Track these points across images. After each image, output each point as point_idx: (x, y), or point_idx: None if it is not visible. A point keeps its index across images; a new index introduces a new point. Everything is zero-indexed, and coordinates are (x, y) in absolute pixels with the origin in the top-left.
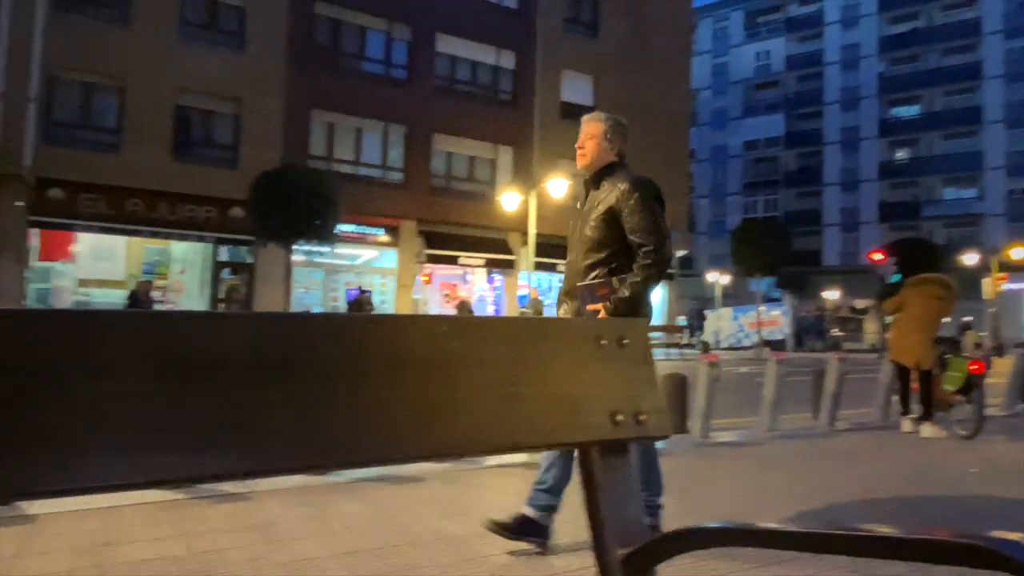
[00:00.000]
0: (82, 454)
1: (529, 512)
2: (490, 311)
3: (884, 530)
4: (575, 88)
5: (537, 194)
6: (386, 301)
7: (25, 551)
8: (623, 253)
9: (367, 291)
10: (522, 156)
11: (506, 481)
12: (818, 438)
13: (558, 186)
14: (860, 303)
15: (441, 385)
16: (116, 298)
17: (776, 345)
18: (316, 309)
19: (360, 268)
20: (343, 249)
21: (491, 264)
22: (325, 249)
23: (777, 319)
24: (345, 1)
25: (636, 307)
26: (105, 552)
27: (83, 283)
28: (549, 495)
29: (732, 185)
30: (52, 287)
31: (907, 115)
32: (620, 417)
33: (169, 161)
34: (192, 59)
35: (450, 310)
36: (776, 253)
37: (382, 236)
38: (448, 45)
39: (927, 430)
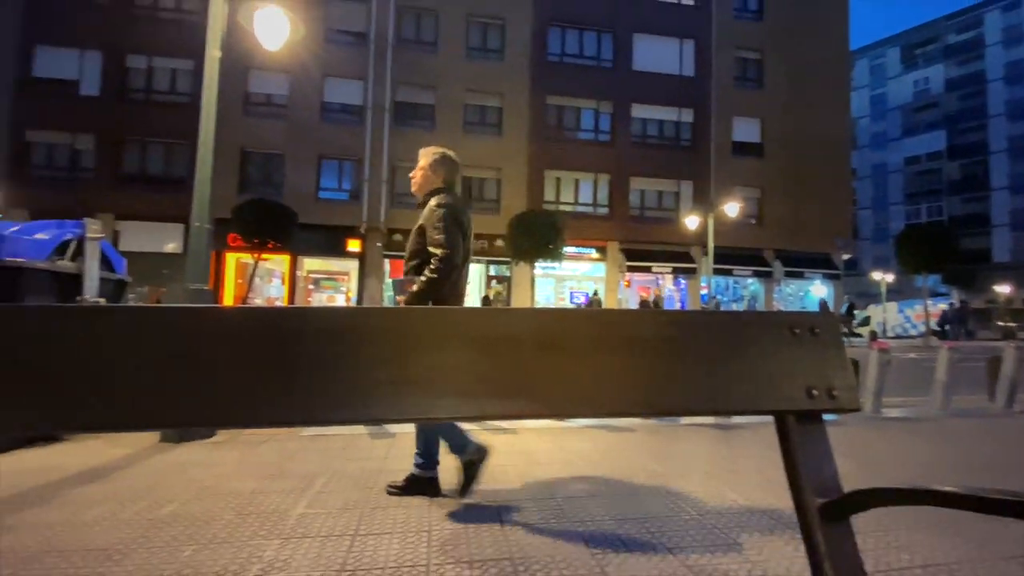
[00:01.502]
0: (429, 395)
1: (416, 471)
2: (676, 307)
3: None
4: (745, 129)
5: (714, 215)
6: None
7: (390, 455)
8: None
9: (597, 294)
10: (701, 186)
11: (697, 436)
12: (994, 418)
13: (731, 208)
14: None
15: (662, 361)
16: None
17: (940, 334)
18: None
19: (579, 277)
20: (567, 264)
21: (677, 271)
22: (556, 265)
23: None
24: (566, 91)
25: (423, 302)
26: None
27: None
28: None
29: (894, 196)
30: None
31: None
32: (815, 392)
33: None
34: (471, 145)
35: (648, 306)
36: (940, 252)
37: (594, 254)
38: (640, 111)
39: None
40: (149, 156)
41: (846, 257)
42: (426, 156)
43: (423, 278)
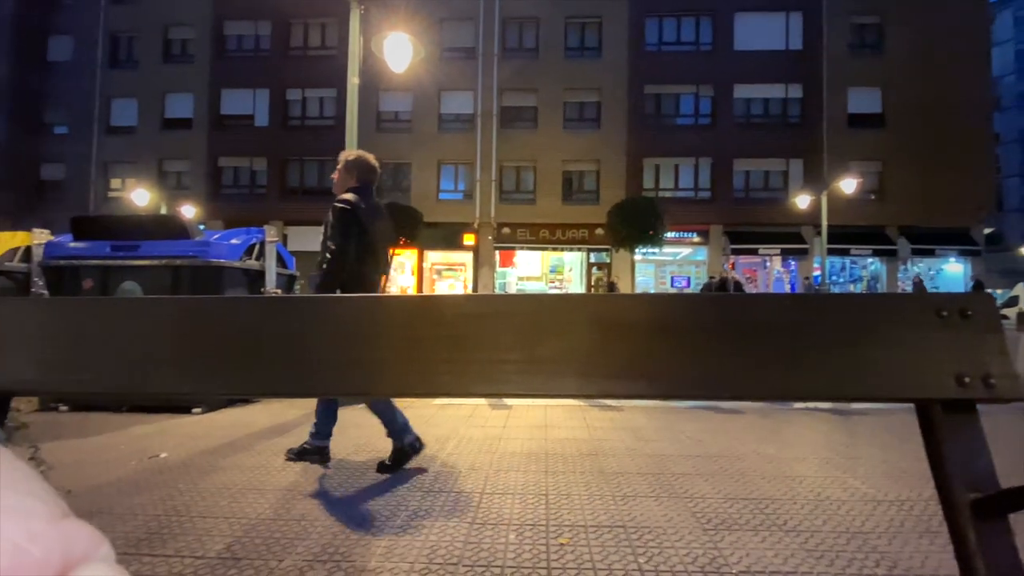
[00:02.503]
0: (554, 375)
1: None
2: (786, 290)
3: None
4: (862, 100)
5: (828, 192)
6: (700, 283)
7: (509, 424)
8: None
9: (714, 279)
10: (812, 163)
11: (812, 420)
12: None
13: (848, 185)
14: None
15: (785, 345)
16: (535, 287)
17: None
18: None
19: (680, 262)
20: (667, 249)
21: (786, 252)
22: (655, 250)
23: None
24: (664, 79)
25: (327, 292)
26: (545, 430)
27: (520, 279)
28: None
29: None
30: (506, 282)
31: None
32: (967, 379)
33: (560, 204)
34: (571, 141)
35: (746, 288)
36: None
37: (695, 238)
38: (743, 91)
39: None
40: (307, 172)
41: (988, 231)
42: (342, 160)
43: (322, 270)
